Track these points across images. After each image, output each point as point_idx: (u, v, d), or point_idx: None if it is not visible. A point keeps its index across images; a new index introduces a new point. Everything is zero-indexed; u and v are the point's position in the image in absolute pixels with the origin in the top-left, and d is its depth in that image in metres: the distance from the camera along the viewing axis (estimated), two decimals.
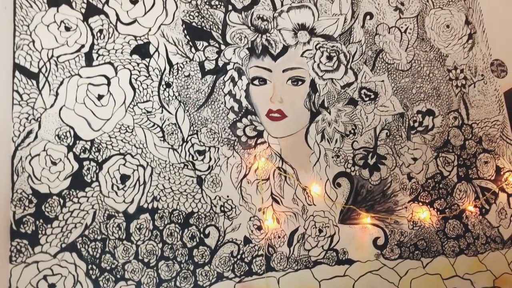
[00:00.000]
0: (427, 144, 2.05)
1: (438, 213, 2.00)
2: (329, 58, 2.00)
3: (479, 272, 1.99)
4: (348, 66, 2.02)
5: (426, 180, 2.02)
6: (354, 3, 2.10)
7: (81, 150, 1.64)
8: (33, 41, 1.67)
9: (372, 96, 2.02)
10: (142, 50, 1.79)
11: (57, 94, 1.66)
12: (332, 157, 1.92)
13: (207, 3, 1.90)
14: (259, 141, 1.84)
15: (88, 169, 1.64)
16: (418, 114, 2.07)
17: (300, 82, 1.94)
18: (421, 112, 2.08)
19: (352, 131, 1.97)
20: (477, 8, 2.29)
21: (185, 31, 1.85)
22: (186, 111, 1.78)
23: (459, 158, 2.08)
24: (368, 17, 2.11)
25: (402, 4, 2.17)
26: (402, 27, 2.15)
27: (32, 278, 1.51)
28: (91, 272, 1.57)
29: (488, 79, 2.21)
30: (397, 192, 1.97)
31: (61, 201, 1.59)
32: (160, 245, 1.66)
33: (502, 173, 2.12)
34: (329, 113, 1.95)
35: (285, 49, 1.95)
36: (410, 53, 2.13)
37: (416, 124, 2.06)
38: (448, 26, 2.22)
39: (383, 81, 2.05)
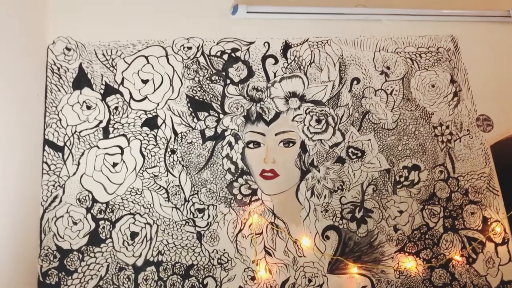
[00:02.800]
0: (413, 197, 2.16)
1: (424, 262, 2.08)
2: (318, 121, 2.18)
3: None
4: (336, 128, 2.19)
5: (412, 232, 2.12)
6: (342, 70, 2.28)
7: (98, 211, 1.89)
8: (60, 119, 1.96)
9: (359, 154, 2.17)
10: (151, 122, 2.04)
11: (78, 164, 1.93)
12: (321, 212, 2.07)
13: (208, 78, 2.14)
14: (253, 198, 2.03)
15: (103, 227, 1.88)
16: (404, 169, 2.19)
17: (291, 144, 2.13)
18: (407, 167, 2.20)
19: (340, 187, 2.11)
20: (462, 67, 2.41)
21: (189, 104, 2.09)
22: (188, 173, 2.00)
23: (445, 209, 2.17)
24: (355, 82, 2.28)
25: (388, 68, 2.33)
26: (388, 89, 2.30)
27: None
28: None
29: (474, 133, 2.31)
30: (384, 243, 2.08)
31: (80, 256, 1.83)
32: None
33: (489, 223, 2.19)
34: (318, 171, 2.11)
35: (277, 115, 2.15)
36: (396, 113, 2.27)
37: (402, 179, 2.18)
38: (433, 86, 2.35)
39: (369, 140, 2.20)
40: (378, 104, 2.27)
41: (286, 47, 2.27)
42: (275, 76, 2.21)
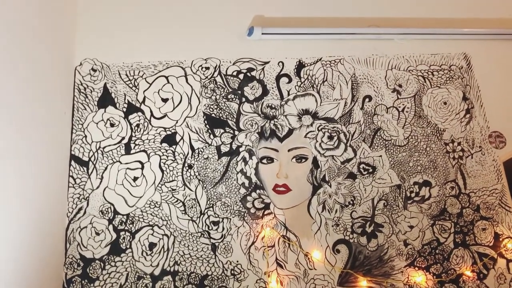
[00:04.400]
0: (423, 212, 2.17)
1: (434, 277, 2.09)
2: (330, 137, 2.22)
3: None
4: (348, 144, 2.23)
5: (423, 246, 2.13)
6: (354, 88, 2.33)
7: (119, 223, 1.98)
8: (86, 136, 2.07)
9: (370, 170, 2.20)
10: (170, 139, 2.13)
11: (102, 178, 2.03)
12: (332, 226, 2.10)
13: (224, 97, 2.22)
14: (266, 212, 2.09)
15: (124, 238, 1.97)
16: (415, 185, 2.21)
17: (303, 160, 2.18)
18: (417, 183, 2.22)
19: (351, 202, 2.15)
20: (474, 84, 2.42)
21: (205, 121, 2.18)
22: (204, 187, 2.08)
23: (456, 225, 2.18)
24: (367, 99, 2.32)
25: (400, 86, 2.37)
26: (399, 107, 2.33)
27: None
28: None
29: (486, 150, 2.31)
30: (394, 258, 2.10)
31: (102, 264, 1.92)
32: None
33: (501, 239, 2.18)
34: (330, 186, 2.16)
35: (290, 131, 2.21)
36: (407, 129, 2.29)
37: (413, 195, 2.19)
38: (445, 103, 2.37)
39: (380, 156, 2.23)
40: (390, 121, 2.30)
41: (300, 66, 2.33)
42: (288, 94, 2.27)
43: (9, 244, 1.56)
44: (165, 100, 2.19)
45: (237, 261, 2.01)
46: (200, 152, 2.13)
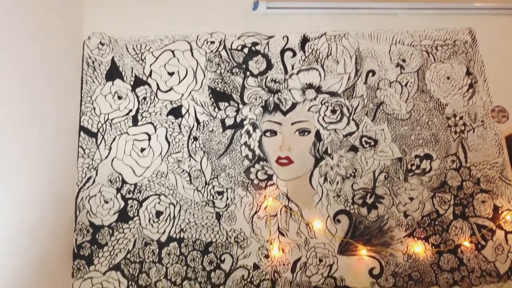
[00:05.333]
0: (424, 185, 2.20)
1: (433, 247, 2.12)
2: (333, 111, 2.24)
3: None
4: (351, 118, 2.25)
5: (422, 218, 2.16)
6: (358, 62, 2.33)
7: (127, 192, 2.04)
8: (94, 108, 2.12)
9: (372, 143, 2.23)
10: (176, 112, 2.16)
11: (110, 148, 2.08)
12: (333, 197, 2.14)
13: (229, 71, 2.25)
14: (269, 183, 2.13)
15: (131, 206, 2.03)
16: (416, 158, 2.23)
17: (306, 133, 2.21)
18: (419, 156, 2.23)
19: (353, 174, 2.18)
20: (478, 59, 2.41)
21: (210, 95, 2.21)
22: (209, 159, 2.12)
23: (456, 197, 2.20)
24: (370, 74, 2.33)
25: (404, 60, 2.37)
26: (403, 81, 2.33)
27: None
28: (130, 287, 1.93)
29: (488, 124, 2.32)
30: (393, 228, 2.14)
31: (110, 231, 1.98)
32: (184, 268, 1.99)
33: (500, 211, 2.20)
34: (332, 158, 2.18)
35: (294, 105, 2.24)
36: (410, 104, 2.30)
37: (414, 167, 2.22)
38: (448, 78, 2.37)
39: (383, 129, 2.25)
40: (393, 96, 2.31)
41: (304, 40, 2.34)
42: (292, 69, 2.29)
43: (21, 211, 1.62)
44: (171, 74, 2.22)
45: (241, 229, 2.06)
46: (205, 125, 2.17)
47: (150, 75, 2.20)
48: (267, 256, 2.04)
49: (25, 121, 1.66)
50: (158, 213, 2.04)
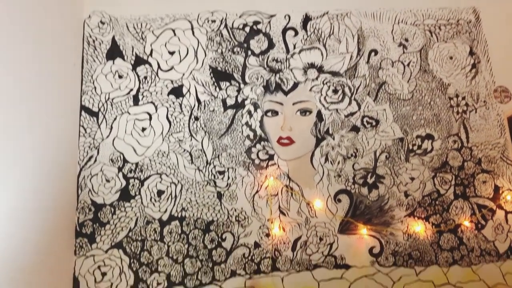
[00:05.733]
0: (425, 165, 2.19)
1: (433, 227, 2.13)
2: (335, 91, 2.22)
3: (471, 281, 2.08)
4: (352, 98, 2.23)
5: (423, 197, 2.16)
6: (360, 42, 2.31)
7: (128, 171, 2.04)
8: (95, 87, 2.11)
9: (374, 123, 2.21)
10: (177, 91, 2.15)
11: (111, 128, 2.07)
12: (334, 177, 2.14)
13: (230, 50, 2.22)
14: (270, 163, 2.12)
15: (133, 185, 2.03)
16: (417, 138, 2.22)
17: (307, 113, 2.19)
18: (420, 136, 2.22)
19: (354, 154, 2.17)
20: (482, 39, 2.38)
21: (212, 74, 2.19)
22: (210, 139, 2.12)
23: (457, 177, 2.19)
24: (373, 53, 2.30)
25: (406, 40, 2.34)
26: (405, 61, 2.31)
27: (90, 267, 1.92)
28: (132, 265, 1.95)
29: (491, 105, 2.29)
30: (394, 208, 2.13)
31: (112, 209, 1.99)
32: (186, 246, 2.00)
33: (501, 191, 2.19)
34: (333, 138, 2.17)
35: (295, 85, 2.22)
36: (412, 84, 2.28)
37: (415, 148, 2.20)
38: (451, 58, 2.34)
39: (384, 109, 2.23)
40: (395, 75, 2.29)
41: (306, 19, 2.31)
42: (294, 48, 2.26)
43: (24, 189, 1.62)
44: (172, 53, 2.20)
45: (242, 208, 2.06)
46: (206, 105, 2.16)
47: (150, 54, 2.18)
48: (268, 235, 2.05)
49: (26, 100, 1.65)
50: (160, 192, 2.04)
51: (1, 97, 1.48)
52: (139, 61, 2.17)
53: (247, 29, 2.26)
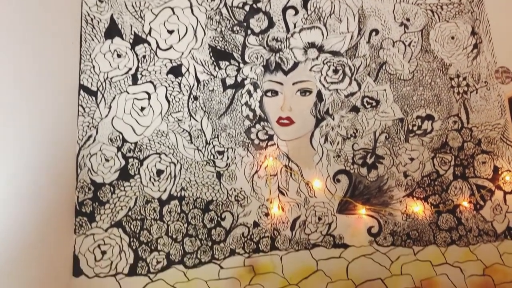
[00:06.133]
0: (424, 145, 2.18)
1: (432, 207, 2.12)
2: (335, 71, 2.20)
3: (469, 261, 2.09)
4: (353, 78, 2.21)
5: (422, 178, 2.15)
6: (361, 21, 2.27)
7: (127, 150, 2.03)
8: (94, 66, 2.08)
9: (374, 104, 2.19)
10: (175, 71, 2.12)
11: (110, 107, 2.05)
12: (334, 157, 2.13)
13: (230, 29, 2.19)
14: (269, 143, 2.11)
15: (132, 165, 2.02)
16: (417, 119, 2.20)
17: (307, 93, 2.17)
18: (420, 117, 2.20)
19: (353, 135, 2.16)
20: (484, 19, 2.34)
21: (211, 54, 2.16)
22: (209, 119, 2.10)
23: (457, 158, 2.18)
24: (374, 33, 2.27)
25: (408, 19, 2.30)
26: (406, 41, 2.27)
27: (90, 246, 1.92)
28: (132, 243, 1.95)
29: (492, 85, 2.27)
30: (393, 188, 2.13)
31: (112, 189, 1.98)
32: (185, 225, 1.99)
33: (500, 172, 2.19)
34: (333, 119, 2.16)
35: (295, 65, 2.19)
36: (413, 64, 2.25)
37: (415, 128, 2.19)
38: (453, 38, 2.31)
39: (385, 90, 2.21)
40: (396, 55, 2.26)
41: None
42: (294, 27, 2.23)
43: (23, 168, 1.61)
44: (170, 32, 2.17)
45: (241, 188, 2.05)
46: (206, 84, 2.13)
47: (149, 33, 2.15)
48: (267, 214, 2.04)
49: (24, 79, 1.63)
50: (159, 172, 2.03)
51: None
52: (137, 40, 2.14)
53: (247, 7, 2.22)
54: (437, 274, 2.06)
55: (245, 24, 2.20)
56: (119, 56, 2.11)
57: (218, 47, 2.17)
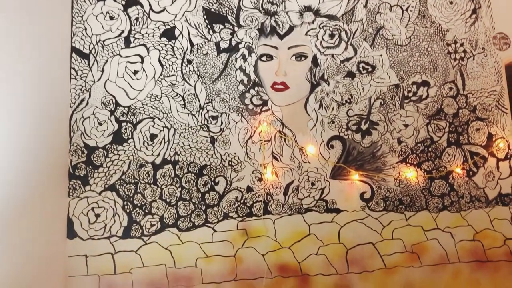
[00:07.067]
0: (419, 112, 2.14)
1: (425, 173, 2.10)
2: (331, 35, 2.14)
3: (460, 226, 2.09)
4: (349, 43, 2.15)
5: (416, 144, 2.12)
6: None
7: (121, 114, 1.99)
8: (86, 29, 2.02)
9: (370, 69, 2.14)
10: (169, 34, 2.06)
11: (103, 70, 2.00)
12: (328, 123, 2.09)
13: None
14: (264, 108, 2.07)
15: (125, 129, 1.98)
16: (413, 85, 2.15)
17: (303, 58, 2.12)
18: (416, 83, 2.16)
19: (348, 101, 2.12)
20: None
21: (205, 16, 2.09)
22: (203, 83, 2.05)
23: (451, 125, 2.15)
24: None
25: None
26: (404, 5, 2.20)
27: (84, 209, 1.91)
28: (126, 207, 1.93)
29: (489, 51, 2.22)
30: (387, 154, 2.10)
31: (105, 152, 1.95)
32: (179, 189, 1.97)
33: (494, 139, 2.16)
34: (328, 84, 2.11)
35: (291, 29, 2.12)
36: (410, 29, 2.19)
37: (410, 94, 2.15)
38: (451, 3, 2.24)
39: (381, 55, 2.15)
40: (393, 20, 2.19)
41: None
42: None
43: (15, 131, 1.58)
44: None
45: (235, 153, 2.03)
46: (199, 48, 2.08)
47: None
48: (260, 179, 2.02)
49: (15, 41, 1.57)
50: (152, 136, 2.00)
51: None
52: (130, 2, 2.06)
53: None
54: (428, 239, 2.06)
55: None
56: (111, 18, 2.04)
57: (212, 10, 2.10)
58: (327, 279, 1.98)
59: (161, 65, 2.04)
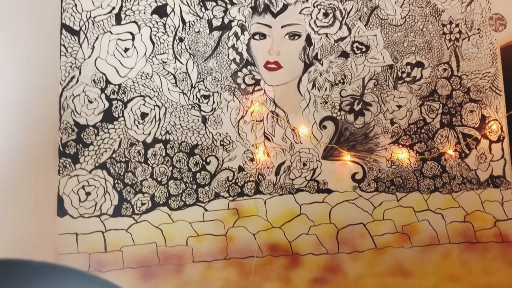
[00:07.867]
0: (413, 93, 2.10)
1: (417, 155, 2.08)
2: (326, 14, 2.09)
3: (451, 208, 2.07)
4: (343, 22, 2.10)
5: (409, 125, 2.09)
6: None
7: (111, 92, 1.95)
8: (76, 5, 1.96)
9: (364, 49, 2.09)
10: (160, 10, 2.01)
11: (93, 48, 1.95)
12: (321, 103, 2.05)
13: None
14: (256, 88, 2.03)
15: (116, 107, 1.94)
16: (407, 65, 2.11)
17: (296, 37, 2.07)
18: (410, 64, 2.12)
19: (342, 81, 2.08)
20: None
21: None
22: (195, 61, 2.00)
23: (444, 106, 2.11)
24: None
25: None
26: None
27: (74, 187, 1.88)
28: (117, 185, 1.90)
29: (484, 33, 2.17)
30: (379, 135, 2.07)
31: (95, 131, 1.92)
32: (170, 168, 1.95)
33: (487, 121, 2.13)
34: (322, 64, 2.07)
35: (285, 7, 2.07)
36: (405, 9, 2.14)
37: (404, 75, 2.11)
38: None
39: (375, 35, 2.11)
40: (388, 0, 2.13)
41: None
42: None
43: (4, 109, 1.54)
44: None
45: (226, 133, 1.99)
46: (191, 25, 2.02)
47: None
48: (252, 159, 2.00)
49: (2, 16, 1.52)
50: (143, 115, 1.96)
51: None
52: None
53: None
54: (418, 220, 2.05)
55: None
56: None
57: None
58: (317, 259, 1.97)
59: (152, 42, 1.99)
